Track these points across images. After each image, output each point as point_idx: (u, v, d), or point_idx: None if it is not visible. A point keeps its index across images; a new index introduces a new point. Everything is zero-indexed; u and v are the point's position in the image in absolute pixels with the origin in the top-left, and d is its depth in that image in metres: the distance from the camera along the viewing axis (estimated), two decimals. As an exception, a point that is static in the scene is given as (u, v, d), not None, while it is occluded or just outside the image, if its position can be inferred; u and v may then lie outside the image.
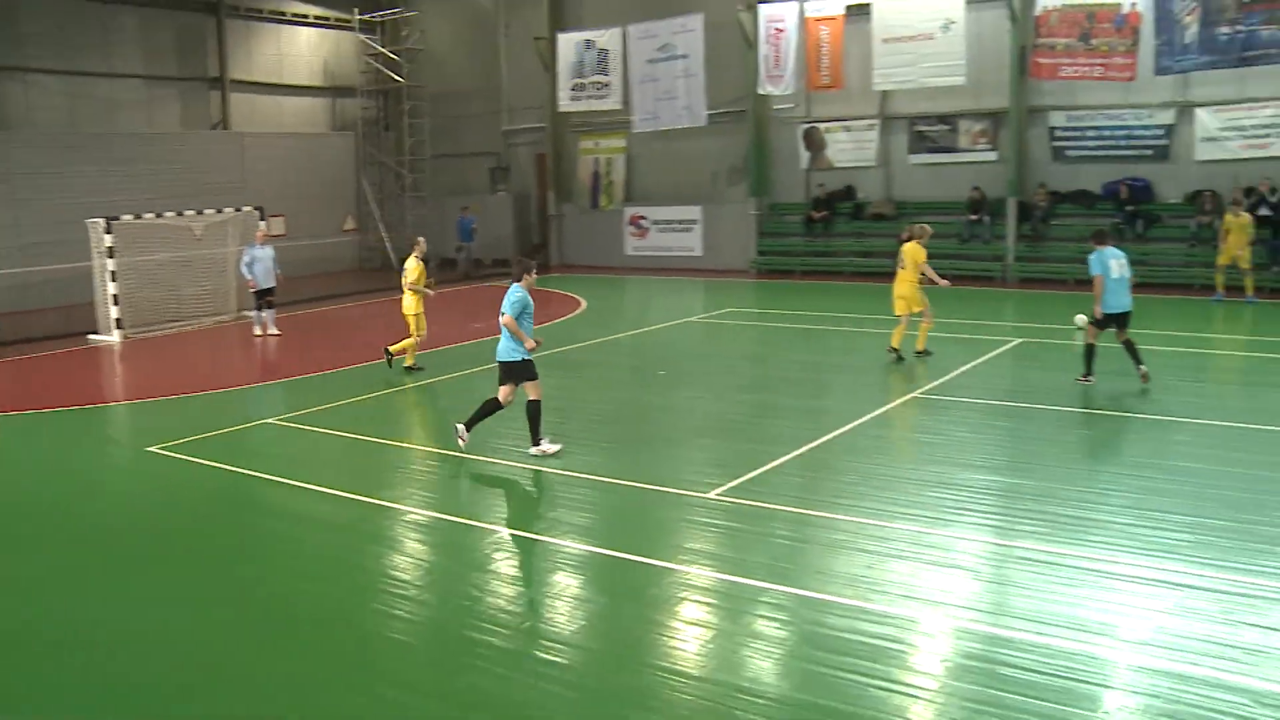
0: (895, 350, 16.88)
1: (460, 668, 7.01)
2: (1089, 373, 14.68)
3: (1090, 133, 26.69)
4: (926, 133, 28.86)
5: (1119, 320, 14.50)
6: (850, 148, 29.84)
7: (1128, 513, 9.48)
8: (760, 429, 13.22)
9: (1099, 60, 25.14)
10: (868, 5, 27.19)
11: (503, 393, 11.92)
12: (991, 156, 27.93)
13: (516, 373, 11.77)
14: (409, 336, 17.23)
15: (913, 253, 16.93)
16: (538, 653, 7.11)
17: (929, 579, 8.17)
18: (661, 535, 9.49)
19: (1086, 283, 15.42)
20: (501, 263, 32.18)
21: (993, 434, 12.79)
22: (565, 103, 32.65)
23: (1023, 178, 27.26)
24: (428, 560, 9.23)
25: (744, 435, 12.90)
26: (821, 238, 30.09)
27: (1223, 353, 18.02)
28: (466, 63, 36.85)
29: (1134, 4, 24.67)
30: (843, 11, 27.73)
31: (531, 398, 11.81)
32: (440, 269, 34.11)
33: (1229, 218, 22.55)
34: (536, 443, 11.86)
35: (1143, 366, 14.42)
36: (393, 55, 36.02)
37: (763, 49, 28.65)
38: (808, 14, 28.10)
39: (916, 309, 16.96)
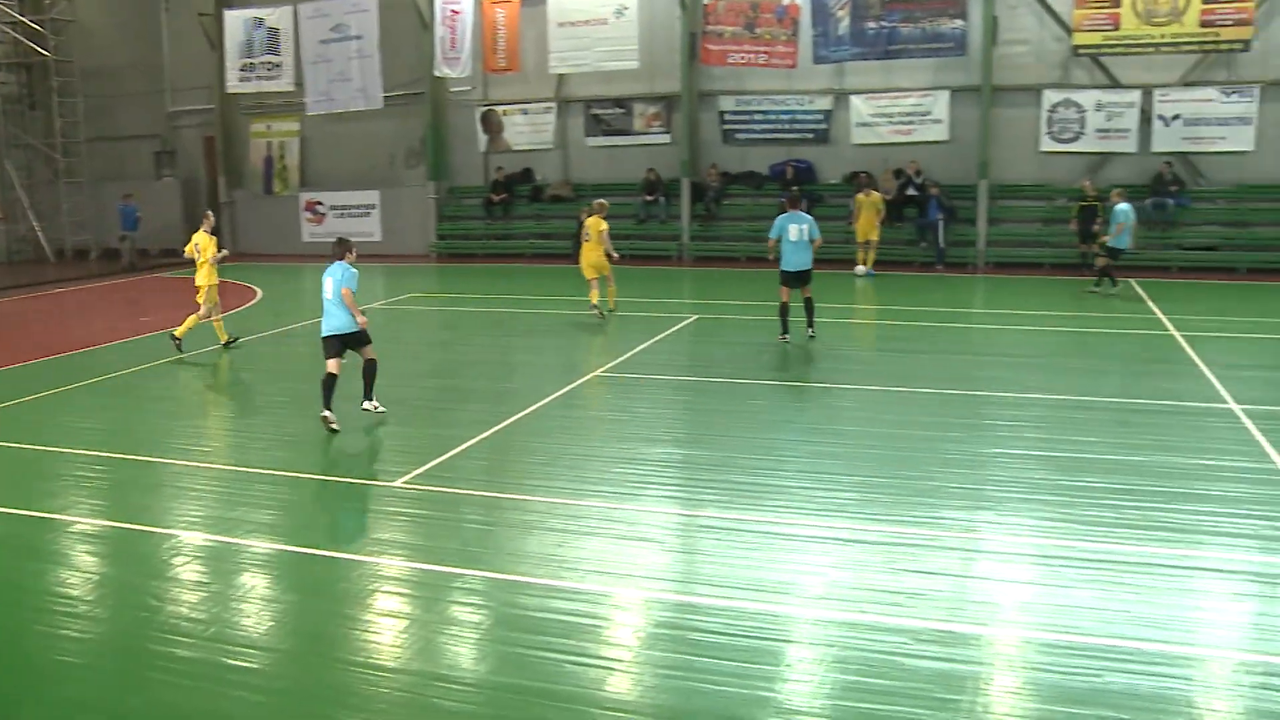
0: (596, 308, 18.76)
1: (141, 683, 6.58)
2: (784, 331, 16.16)
3: (757, 117, 28.09)
4: (602, 116, 29.47)
5: (798, 278, 16.10)
6: (528, 130, 30.05)
7: (801, 476, 10.08)
8: (446, 414, 13.13)
9: (763, 48, 26.49)
10: (543, -11, 27.47)
11: (332, 365, 12.13)
12: (665, 139, 28.87)
13: (358, 340, 12.35)
14: (192, 314, 17.00)
15: (595, 225, 18.88)
16: (225, 659, 6.78)
17: (618, 553, 8.38)
18: (349, 527, 9.28)
19: (759, 259, 16.30)
20: (170, 252, 30.29)
21: (674, 408, 13.28)
22: (234, 83, 31.15)
23: (695, 159, 28.35)
24: (98, 573, 8.56)
25: (430, 421, 12.78)
26: (501, 220, 30.20)
27: (870, 322, 19.38)
28: (123, 37, 34.34)
29: (794, -4, 26.22)
30: (518, -6, 27.89)
31: (371, 358, 12.49)
32: (102, 260, 31.92)
33: (860, 197, 24.40)
34: (369, 398, 12.48)
35: (811, 330, 16.14)
36: (35, 25, 33.05)
37: (439, 30, 28.38)
38: (483, -4, 28.09)
39: (605, 272, 18.96)
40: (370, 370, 12.53)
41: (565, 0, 27.33)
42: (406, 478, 10.27)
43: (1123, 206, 21.05)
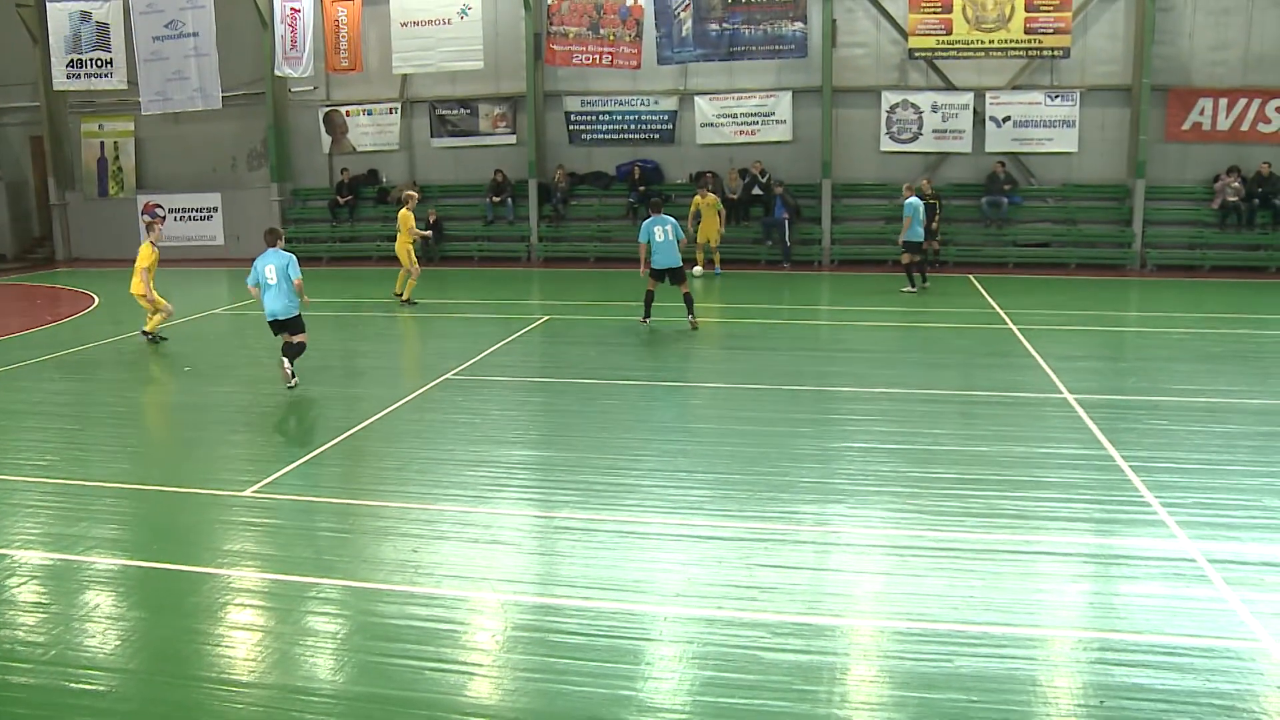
0: (399, 295, 20.84)
1: (-32, 713, 6.21)
2: (646, 315, 17.29)
3: (603, 117, 28.16)
4: (447, 117, 29.16)
5: (670, 275, 17.21)
6: (373, 131, 29.57)
7: (656, 474, 10.11)
8: (296, 420, 12.82)
9: (608, 49, 26.58)
10: (385, -13, 27.05)
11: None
12: (511, 140, 28.74)
13: (294, 326, 13.57)
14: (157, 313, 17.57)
15: (404, 218, 20.54)
16: (67, 683, 6.43)
17: (474, 557, 8.27)
18: (198, 540, 8.92)
19: (609, 259, 16.35)
20: (-7, 256, 28.88)
21: (526, 410, 13.20)
22: (61, 81, 29.56)
23: (542, 160, 28.27)
24: (-84, 595, 8.07)
25: (279, 428, 12.46)
26: (347, 223, 29.61)
27: (721, 321, 19.60)
28: (-69, 30, 32.48)
29: (636, -2, 26.36)
30: (359, -7, 27.38)
31: (302, 340, 13.66)
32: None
33: (697, 199, 24.61)
34: (290, 365, 13.47)
35: (692, 316, 17.09)
36: None
37: (278, 29, 27.66)
38: (323, -6, 27.49)
39: (404, 264, 20.69)
40: (298, 348, 13.58)
41: (408, 0, 26.93)
42: (256, 487, 9.95)
43: (912, 200, 21.64)
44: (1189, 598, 7.39)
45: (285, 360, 13.49)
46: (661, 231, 17.08)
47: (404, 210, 20.71)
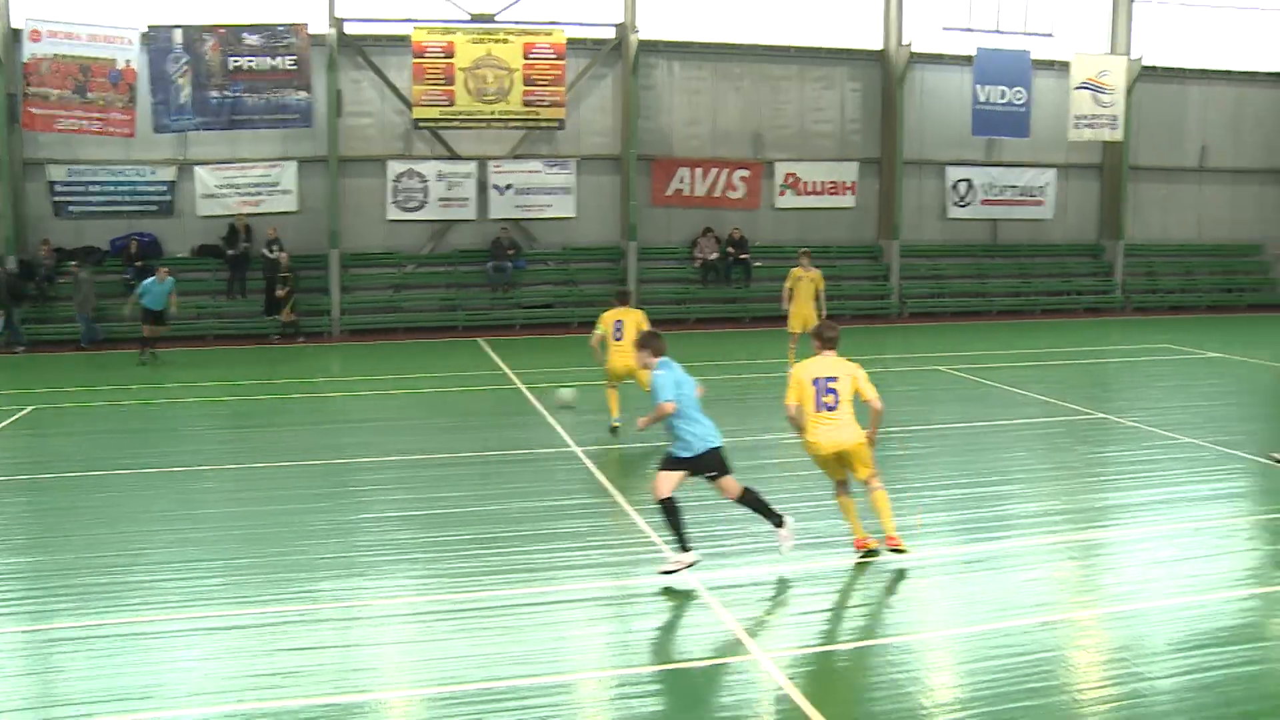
0: None
1: None
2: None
3: (94, 188, 26.16)
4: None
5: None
6: None
7: (163, 568, 9.48)
8: None
9: (97, 114, 24.85)
10: None
11: None
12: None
13: None
14: None
15: None
16: None
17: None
18: None
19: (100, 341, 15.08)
20: None
21: (8, 513, 11.85)
22: None
23: (23, 234, 25.74)
24: None
25: None
26: None
27: (226, 399, 18.83)
28: None
29: (129, 60, 24.84)
30: None
31: None
32: None
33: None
34: None
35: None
36: None
37: None
38: None
39: None
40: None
41: None
42: None
43: (148, 281, 21.60)
44: (694, 625, 8.11)
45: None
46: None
47: None
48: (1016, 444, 14.31)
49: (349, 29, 26.43)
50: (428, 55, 26.23)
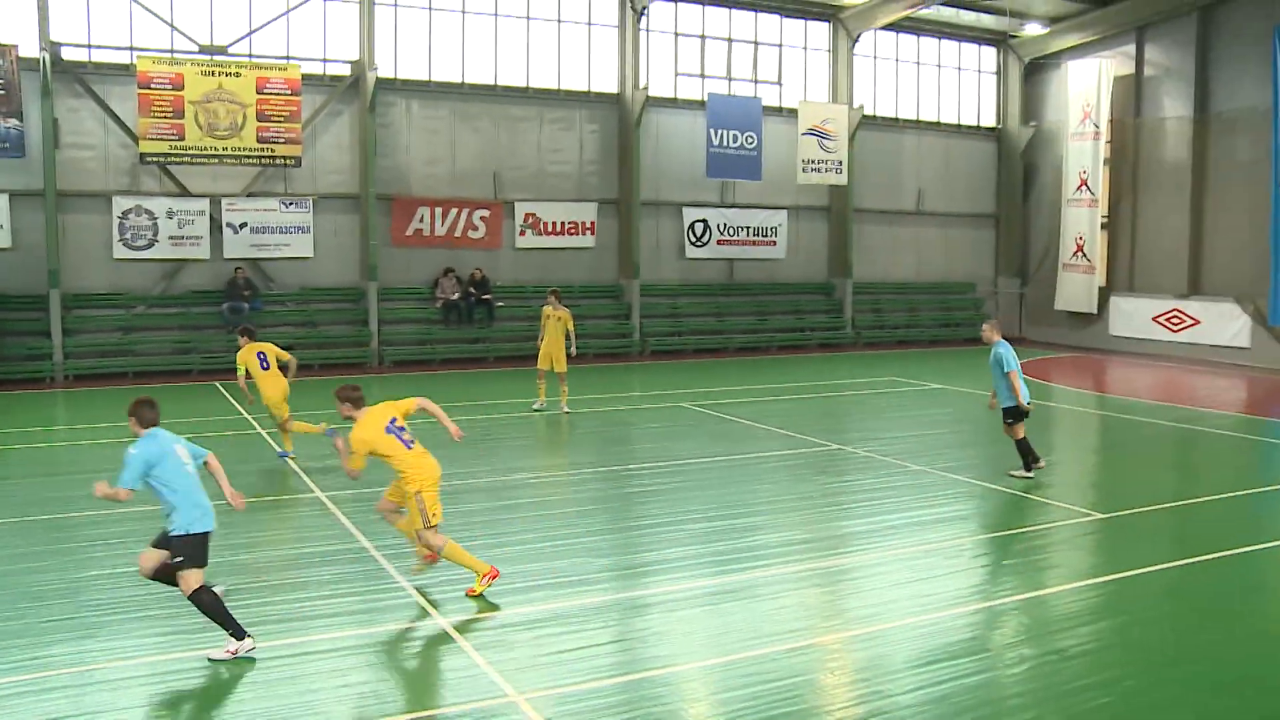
0: None
1: None
2: None
3: None
4: None
5: None
6: None
7: None
8: None
9: None
10: None
11: None
12: None
13: None
14: None
15: None
16: None
17: None
18: None
19: None
20: None
21: None
22: None
23: None
24: None
25: None
26: None
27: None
28: None
29: None
30: None
31: None
32: None
33: None
34: None
35: None
36: None
37: None
38: None
39: None
40: None
41: None
42: None
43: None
44: (449, 669, 7.99)
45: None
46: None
47: None
48: (760, 476, 14.80)
49: (66, 54, 24.91)
50: (154, 86, 24.99)
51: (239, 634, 8.08)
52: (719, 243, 31.93)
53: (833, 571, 10.61)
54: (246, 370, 15.34)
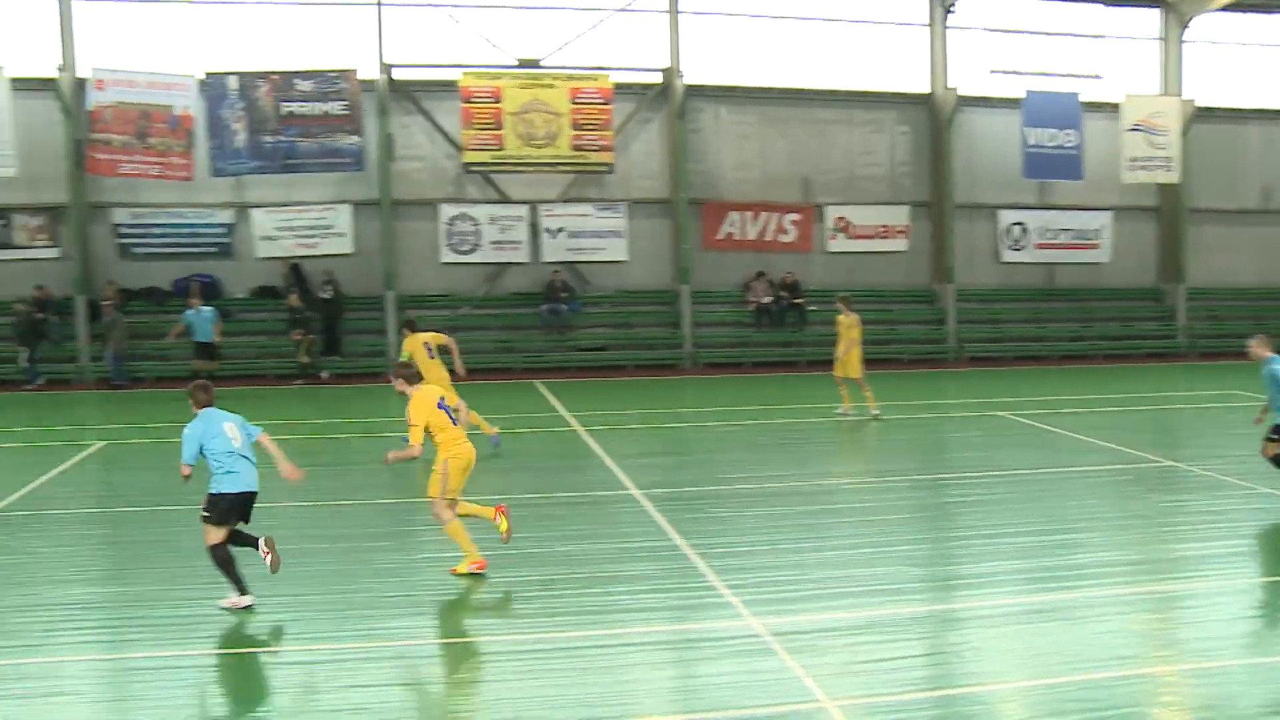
0: None
1: None
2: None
3: (156, 230, 26.68)
4: (-25, 228, 26.49)
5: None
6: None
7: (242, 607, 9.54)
8: None
9: (156, 159, 25.37)
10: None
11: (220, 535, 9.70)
12: (53, 253, 26.45)
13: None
14: None
15: None
16: None
17: (29, 713, 7.42)
18: None
19: (167, 379, 15.18)
20: None
21: (85, 545, 12.03)
22: None
23: (89, 275, 26.20)
24: None
25: None
26: None
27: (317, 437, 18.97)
28: None
29: (186, 106, 25.34)
30: None
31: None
32: None
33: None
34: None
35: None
36: None
37: None
38: None
39: None
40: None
41: (-78, 101, 24.45)
42: None
43: (188, 313, 22.87)
44: (758, 671, 7.95)
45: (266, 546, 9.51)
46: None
47: None
48: (1085, 491, 14.03)
49: (398, 74, 26.83)
50: (476, 100, 26.53)
51: (242, 591, 9.09)
52: (1038, 246, 30.58)
53: (1164, 597, 9.89)
54: (411, 357, 15.94)
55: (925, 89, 29.58)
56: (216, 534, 9.15)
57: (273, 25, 26.64)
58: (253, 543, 9.35)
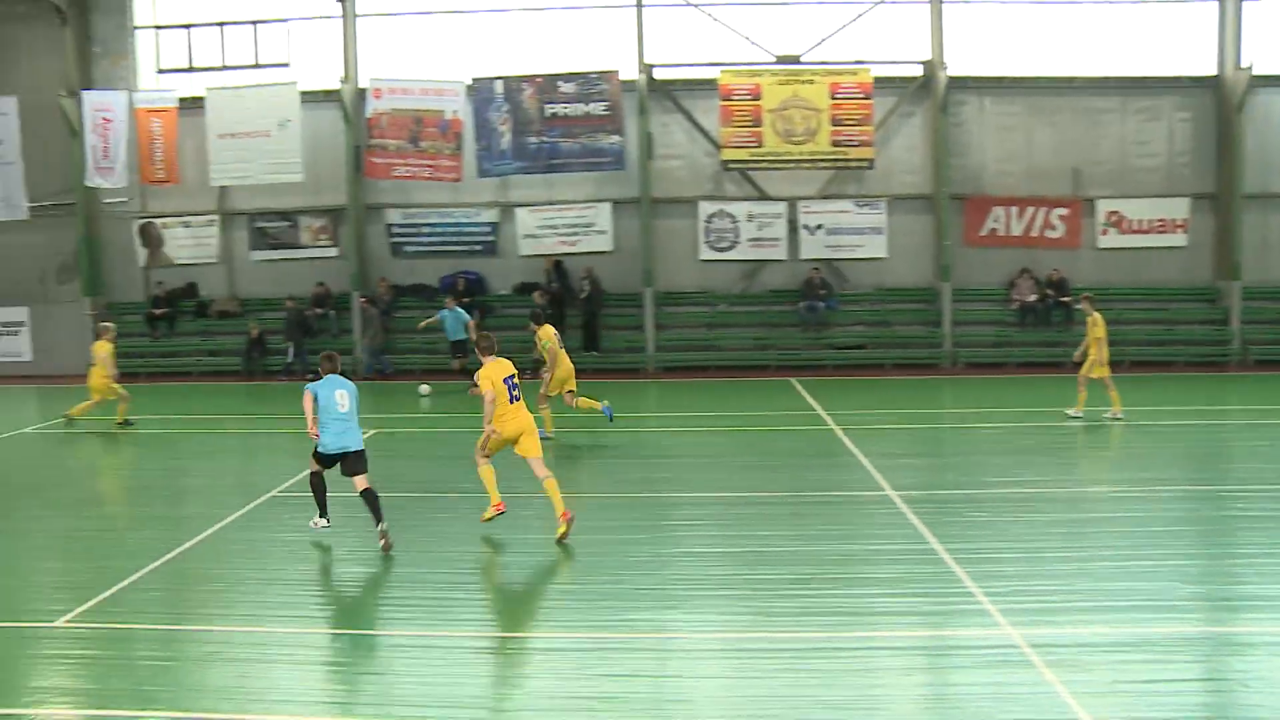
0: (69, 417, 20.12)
1: None
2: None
3: (425, 229, 28.15)
4: (268, 229, 28.66)
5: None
6: (190, 244, 28.77)
7: (483, 590, 9.98)
8: (113, 544, 12.16)
9: (427, 162, 26.75)
10: (202, 99, 26.67)
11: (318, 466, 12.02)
12: (333, 252, 28.38)
13: (364, 461, 11.82)
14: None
15: (100, 348, 19.92)
16: None
17: (307, 680, 8.01)
18: (3, 677, 8.35)
19: (435, 371, 15.86)
20: None
21: (359, 525, 12.77)
22: None
23: (364, 273, 27.98)
24: None
25: (95, 553, 11.76)
26: (166, 337, 28.64)
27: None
28: None
29: (455, 111, 26.62)
30: (175, 104, 26.89)
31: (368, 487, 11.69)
32: None
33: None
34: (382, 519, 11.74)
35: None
36: None
37: (90, 139, 26.85)
38: (138, 105, 26.87)
39: (110, 396, 19.71)
40: (375, 499, 11.23)
41: (226, 112, 26.57)
42: (68, 616, 9.36)
43: (443, 312, 23.49)
44: (1014, 683, 7.68)
45: (382, 526, 11.01)
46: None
47: (100, 341, 20.17)
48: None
49: (658, 74, 27.22)
50: (735, 98, 26.64)
51: (323, 513, 11.60)
52: (1342, 239, 28.12)
53: None
54: (548, 346, 16.85)
55: (1211, 70, 27.69)
56: (314, 466, 11.54)
57: (536, 30, 27.50)
58: (377, 519, 11.07)
